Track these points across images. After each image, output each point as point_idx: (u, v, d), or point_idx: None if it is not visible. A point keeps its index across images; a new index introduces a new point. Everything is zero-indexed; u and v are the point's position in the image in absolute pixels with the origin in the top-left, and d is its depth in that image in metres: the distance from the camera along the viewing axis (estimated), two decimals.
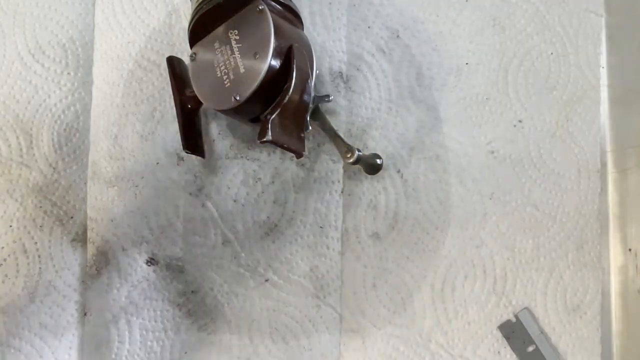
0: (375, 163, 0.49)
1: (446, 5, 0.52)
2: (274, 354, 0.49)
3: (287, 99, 0.43)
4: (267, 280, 0.50)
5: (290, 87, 0.43)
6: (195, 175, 0.51)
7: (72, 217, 0.51)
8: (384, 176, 0.50)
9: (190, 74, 0.47)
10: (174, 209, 0.51)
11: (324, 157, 0.50)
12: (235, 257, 0.50)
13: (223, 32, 0.45)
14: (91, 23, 0.52)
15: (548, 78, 0.51)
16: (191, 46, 0.47)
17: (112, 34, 0.52)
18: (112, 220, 0.51)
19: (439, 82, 0.51)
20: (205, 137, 0.50)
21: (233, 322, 0.50)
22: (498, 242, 0.49)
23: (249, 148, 0.51)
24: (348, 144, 0.47)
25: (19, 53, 0.52)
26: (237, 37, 0.45)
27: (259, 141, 0.42)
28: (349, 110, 0.51)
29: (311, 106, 0.47)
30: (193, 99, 0.48)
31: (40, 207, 0.51)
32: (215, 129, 0.51)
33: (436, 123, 0.51)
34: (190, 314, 0.50)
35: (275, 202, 0.50)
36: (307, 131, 0.47)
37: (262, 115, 0.44)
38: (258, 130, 0.43)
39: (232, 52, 0.44)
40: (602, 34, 0.51)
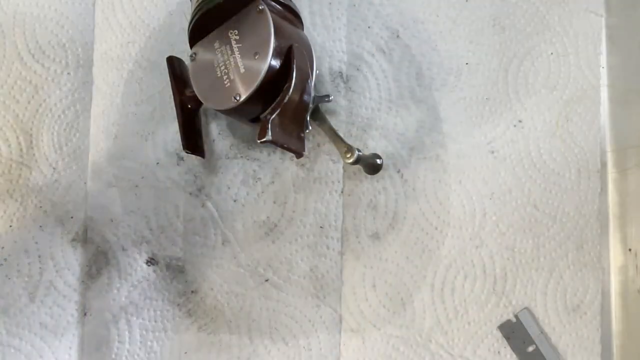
0: (375, 163, 0.49)
1: (446, 5, 0.52)
2: (274, 354, 0.49)
3: (287, 99, 0.43)
4: (266, 280, 0.50)
5: (290, 87, 0.43)
6: (195, 175, 0.51)
7: (72, 217, 0.51)
8: (384, 176, 0.50)
9: (190, 74, 0.47)
10: (174, 209, 0.51)
11: (324, 157, 0.50)
12: (235, 257, 0.50)
13: (223, 32, 0.45)
14: (91, 23, 0.52)
15: (548, 78, 0.51)
16: (191, 46, 0.47)
17: (112, 34, 0.52)
18: (112, 220, 0.51)
19: (439, 82, 0.51)
20: (205, 137, 0.50)
21: (233, 322, 0.50)
22: (498, 242, 0.49)
23: (249, 148, 0.51)
24: (348, 144, 0.47)
25: (19, 53, 0.52)
26: (237, 37, 0.45)
27: (259, 141, 0.42)
28: (349, 110, 0.51)
29: (311, 106, 0.47)
30: (193, 99, 0.48)
31: (40, 207, 0.51)
32: (215, 129, 0.51)
33: (436, 123, 0.51)
34: (190, 314, 0.50)
35: (275, 202, 0.50)
36: (307, 131, 0.47)
37: (262, 115, 0.44)
38: (258, 130, 0.43)
39: (232, 52, 0.44)
40: (602, 34, 0.51)
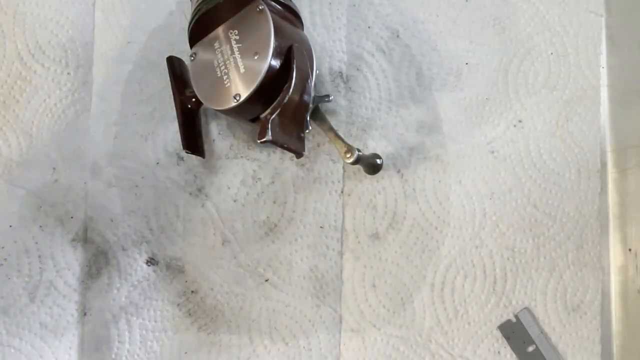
0: (375, 163, 0.49)
1: (446, 5, 0.52)
2: (274, 354, 0.49)
3: (287, 99, 0.43)
4: (266, 280, 0.50)
5: (290, 87, 0.43)
6: (195, 175, 0.51)
7: (72, 217, 0.51)
8: (384, 176, 0.50)
9: (190, 74, 0.47)
10: (174, 209, 0.51)
11: (324, 157, 0.50)
12: (235, 257, 0.50)
13: (223, 32, 0.45)
14: (91, 23, 0.52)
15: (548, 78, 0.51)
16: (191, 46, 0.47)
17: (112, 34, 0.52)
18: (112, 220, 0.51)
19: (439, 82, 0.51)
20: (205, 137, 0.50)
21: (233, 322, 0.50)
22: (498, 242, 0.49)
23: (249, 148, 0.51)
24: (348, 144, 0.47)
25: (19, 53, 0.52)
26: (237, 37, 0.45)
27: (259, 141, 0.42)
28: (349, 110, 0.51)
29: (311, 106, 0.47)
30: (193, 99, 0.48)
31: (40, 207, 0.51)
32: (215, 129, 0.51)
33: (436, 123, 0.51)
34: (190, 314, 0.50)
35: (275, 202, 0.50)
36: (307, 131, 0.47)
37: (262, 115, 0.44)
38: (258, 130, 0.43)
39: (232, 52, 0.44)
40: (602, 34, 0.51)
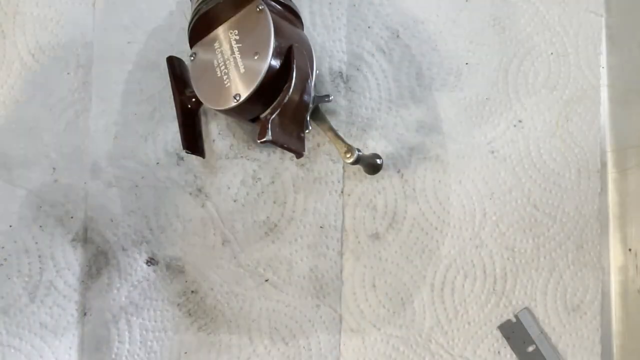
0: (375, 163, 0.49)
1: (446, 5, 0.52)
2: (274, 354, 0.49)
3: (287, 99, 0.43)
4: (266, 280, 0.50)
5: (290, 87, 0.43)
6: (195, 175, 0.51)
7: (72, 217, 0.51)
8: (384, 176, 0.50)
9: (190, 74, 0.47)
10: (173, 209, 0.51)
11: (324, 157, 0.50)
12: (235, 257, 0.50)
13: (223, 32, 0.45)
14: (91, 23, 0.52)
15: (548, 78, 0.51)
16: (191, 46, 0.47)
17: (112, 34, 0.52)
18: (112, 220, 0.51)
19: (439, 82, 0.51)
20: (205, 137, 0.50)
21: (233, 322, 0.50)
22: (498, 242, 0.49)
23: (249, 148, 0.51)
24: (348, 144, 0.47)
25: (19, 53, 0.52)
26: (237, 37, 0.45)
27: (259, 141, 0.42)
28: (349, 110, 0.51)
29: (311, 106, 0.47)
30: (193, 99, 0.48)
31: (40, 207, 0.51)
32: (215, 129, 0.51)
33: (436, 123, 0.51)
34: (190, 314, 0.50)
35: (275, 202, 0.50)
36: (307, 131, 0.47)
37: (262, 115, 0.44)
38: (258, 130, 0.43)
39: (232, 52, 0.44)
40: (602, 34, 0.51)
